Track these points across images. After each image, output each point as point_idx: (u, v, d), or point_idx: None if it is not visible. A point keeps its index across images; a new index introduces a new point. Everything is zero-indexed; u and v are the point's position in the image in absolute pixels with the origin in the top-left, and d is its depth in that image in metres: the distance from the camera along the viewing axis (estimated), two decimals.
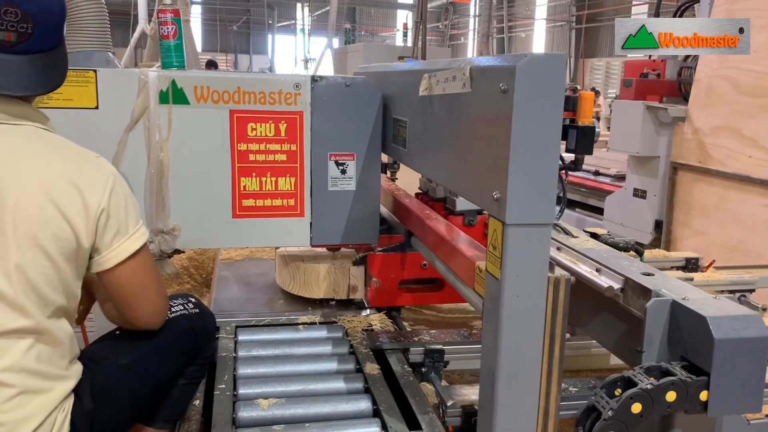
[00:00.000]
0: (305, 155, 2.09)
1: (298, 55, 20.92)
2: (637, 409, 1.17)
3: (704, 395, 1.20)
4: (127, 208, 1.35)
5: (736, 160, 3.41)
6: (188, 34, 5.93)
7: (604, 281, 1.48)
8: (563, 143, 1.32)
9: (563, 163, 1.51)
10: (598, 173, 5.28)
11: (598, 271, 1.53)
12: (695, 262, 1.92)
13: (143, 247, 1.38)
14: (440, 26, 25.43)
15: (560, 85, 1.15)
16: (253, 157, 2.06)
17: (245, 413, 1.69)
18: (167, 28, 2.09)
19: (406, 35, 15.36)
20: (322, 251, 2.49)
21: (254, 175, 2.07)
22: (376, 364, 1.97)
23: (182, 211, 2.04)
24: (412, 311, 2.81)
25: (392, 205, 2.39)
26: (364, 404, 1.76)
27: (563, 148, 1.36)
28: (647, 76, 4.82)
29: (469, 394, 1.76)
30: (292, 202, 2.12)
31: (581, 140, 1.41)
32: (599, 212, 4.83)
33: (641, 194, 4.21)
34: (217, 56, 16.72)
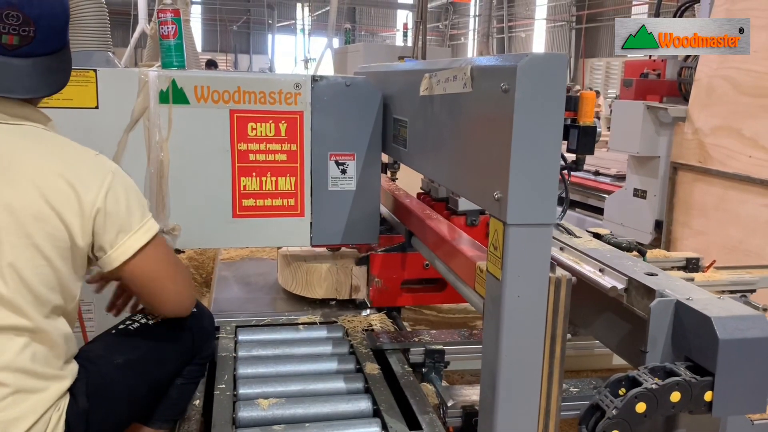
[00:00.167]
0: (305, 155, 2.09)
1: (298, 55, 20.92)
2: (641, 408, 1.17)
3: (709, 396, 1.20)
4: (129, 205, 1.34)
5: (736, 160, 3.40)
6: (188, 33, 5.92)
7: (607, 281, 1.47)
8: (564, 143, 1.32)
9: (565, 162, 1.51)
10: (598, 173, 5.28)
11: (601, 271, 1.53)
12: (696, 262, 1.91)
13: (152, 240, 1.37)
14: (440, 26, 25.43)
15: (561, 84, 1.15)
16: (253, 156, 2.06)
17: (245, 413, 1.69)
18: (167, 27, 2.09)
19: (406, 35, 15.36)
20: (324, 251, 2.49)
21: (254, 174, 2.07)
22: (376, 364, 1.97)
23: (182, 211, 2.04)
24: (412, 311, 2.81)
25: (392, 205, 2.39)
26: (364, 404, 1.76)
27: (564, 147, 1.35)
28: (647, 76, 4.83)
29: (469, 394, 1.76)
30: (292, 202, 2.12)
31: (582, 140, 1.41)
32: (599, 212, 4.82)
33: (641, 194, 4.21)
34: (217, 56, 16.72)
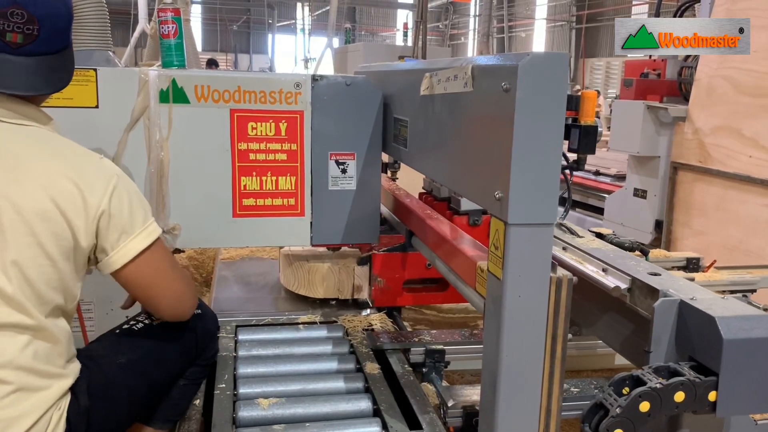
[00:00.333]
0: (305, 154, 2.09)
1: (298, 54, 20.92)
2: (645, 407, 1.17)
3: (713, 395, 1.19)
4: (132, 208, 1.35)
5: (736, 160, 3.40)
6: (188, 33, 5.90)
7: (610, 281, 1.47)
8: (565, 142, 1.31)
9: (568, 162, 1.51)
10: (598, 173, 5.28)
11: (604, 271, 1.52)
12: (696, 262, 1.91)
13: (152, 244, 1.37)
14: (440, 26, 25.42)
15: (562, 84, 1.15)
16: (253, 156, 2.06)
17: (245, 413, 1.69)
18: (167, 27, 2.08)
19: (406, 35, 15.35)
20: (326, 251, 2.49)
21: (254, 174, 2.07)
22: (376, 363, 1.97)
23: (182, 210, 2.04)
24: (412, 311, 2.81)
25: (393, 204, 2.39)
26: (364, 404, 1.76)
27: (565, 147, 1.35)
28: (647, 75, 4.83)
29: (470, 394, 1.76)
30: (292, 201, 2.11)
31: (584, 140, 1.41)
32: (599, 212, 4.82)
33: (641, 194, 4.21)
34: (217, 56, 16.70)
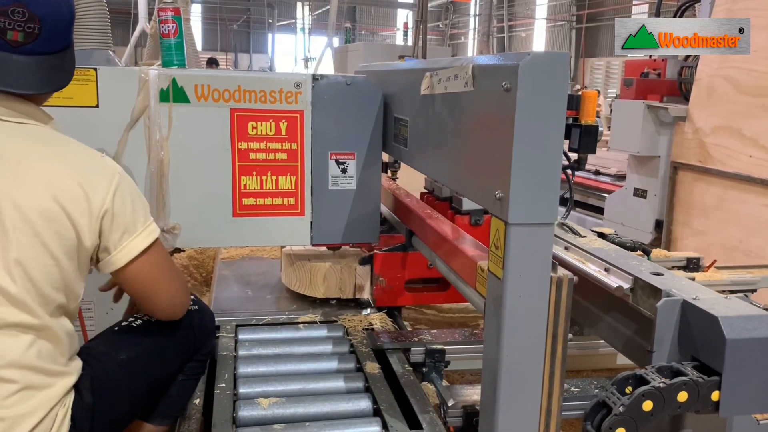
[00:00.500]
0: (306, 154, 2.09)
1: (298, 54, 20.91)
2: (648, 407, 1.17)
3: (716, 395, 1.19)
4: (134, 206, 1.35)
5: (736, 159, 3.40)
6: (188, 32, 5.91)
7: (613, 281, 1.47)
8: (566, 142, 1.31)
9: (570, 161, 1.51)
10: (598, 173, 5.28)
11: (606, 270, 1.52)
12: (696, 262, 1.91)
13: (153, 243, 1.39)
14: (440, 25, 25.40)
15: (563, 83, 1.15)
16: (253, 155, 2.06)
17: (245, 412, 1.69)
18: (168, 26, 2.08)
19: (406, 34, 15.33)
20: (327, 250, 2.49)
21: (255, 173, 2.07)
22: (376, 363, 1.96)
23: (182, 209, 2.04)
24: (412, 310, 2.80)
25: (393, 204, 2.39)
26: (364, 403, 1.76)
27: (565, 147, 1.35)
28: (648, 75, 4.83)
29: (470, 394, 1.75)
30: (292, 201, 2.11)
31: (584, 139, 1.41)
32: (599, 212, 4.82)
33: (641, 194, 4.20)
34: (217, 55, 16.69)
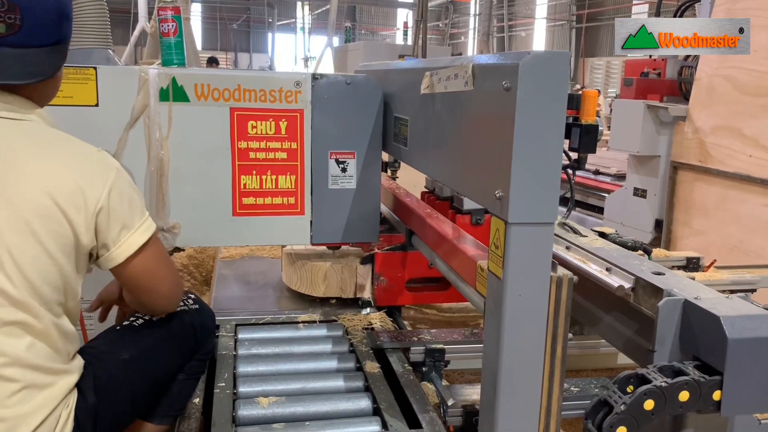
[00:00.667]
0: (305, 153, 2.09)
1: (298, 53, 20.89)
2: (649, 406, 1.17)
3: (717, 395, 1.19)
4: (131, 201, 1.35)
5: (736, 159, 3.40)
6: (188, 31, 5.91)
7: (614, 280, 1.47)
8: (566, 141, 1.31)
9: (570, 160, 1.51)
10: (598, 172, 5.28)
11: (608, 270, 1.52)
12: (696, 261, 1.91)
13: (151, 237, 1.38)
14: (440, 25, 25.39)
15: (563, 83, 1.14)
16: (253, 155, 2.06)
17: (245, 411, 1.69)
18: (167, 25, 2.08)
19: (406, 34, 15.31)
20: (328, 250, 2.49)
21: (254, 173, 2.07)
22: (376, 362, 1.96)
23: (182, 209, 2.03)
24: (412, 309, 2.80)
25: (393, 203, 2.38)
26: (364, 403, 1.76)
27: (565, 146, 1.35)
28: (648, 75, 4.83)
29: (470, 393, 1.75)
30: (292, 200, 2.11)
31: (584, 139, 1.41)
32: (599, 211, 4.83)
33: (641, 193, 4.21)
34: (217, 54, 16.68)
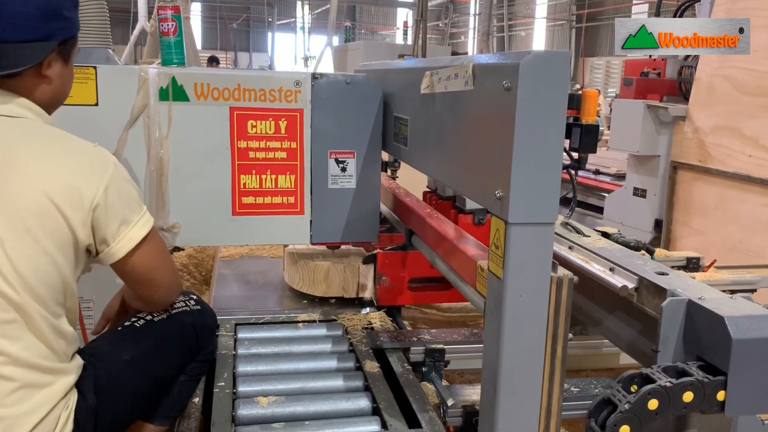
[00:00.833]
0: (305, 153, 2.09)
1: (298, 53, 20.89)
2: (653, 405, 1.17)
3: (721, 395, 1.19)
4: (129, 197, 1.35)
5: (736, 159, 3.40)
6: (188, 31, 5.91)
7: (618, 280, 1.47)
8: (566, 141, 1.31)
9: (573, 160, 1.50)
10: (598, 172, 5.29)
11: (611, 270, 1.52)
12: (696, 261, 1.91)
13: (151, 231, 1.38)
14: (440, 24, 25.39)
15: (564, 82, 1.14)
16: (253, 154, 2.06)
17: (245, 411, 1.69)
18: (167, 25, 2.08)
19: (406, 33, 15.31)
20: (328, 249, 2.48)
21: (254, 172, 2.06)
22: (375, 362, 1.96)
23: (182, 208, 2.03)
24: (412, 309, 2.80)
25: (393, 203, 2.38)
26: (363, 402, 1.76)
27: (566, 146, 1.34)
28: (648, 75, 4.84)
29: (470, 393, 1.75)
30: (292, 199, 2.11)
31: (585, 139, 1.40)
32: (599, 211, 4.83)
33: (641, 193, 4.21)
34: (217, 54, 16.68)
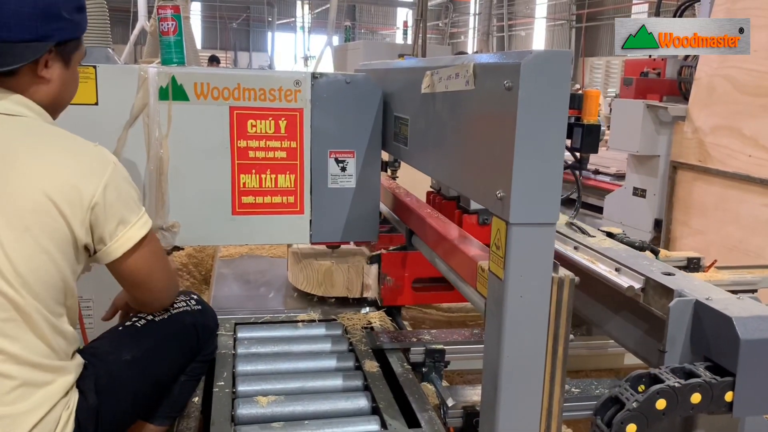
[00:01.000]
0: (305, 152, 2.08)
1: (297, 52, 20.88)
2: (661, 405, 1.16)
3: (729, 396, 1.19)
4: (128, 197, 1.35)
5: (736, 159, 3.40)
6: (188, 30, 5.91)
7: (624, 281, 1.46)
8: (567, 141, 1.31)
9: (576, 160, 1.50)
10: (597, 172, 5.28)
11: (617, 270, 1.52)
12: (697, 262, 1.90)
13: (149, 233, 1.38)
14: (440, 24, 25.39)
15: (565, 82, 1.14)
16: (252, 154, 2.05)
17: (244, 410, 1.69)
18: (167, 24, 2.08)
19: (406, 33, 15.30)
20: (328, 249, 2.48)
21: (254, 172, 2.06)
22: (375, 361, 1.96)
23: (181, 207, 2.03)
24: (412, 309, 2.80)
25: (392, 203, 2.38)
26: (363, 402, 1.76)
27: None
28: (647, 74, 4.83)
29: (470, 394, 1.75)
30: (291, 199, 2.11)
31: (586, 139, 1.40)
32: (599, 211, 4.83)
33: (641, 193, 4.21)
34: (216, 53, 16.68)
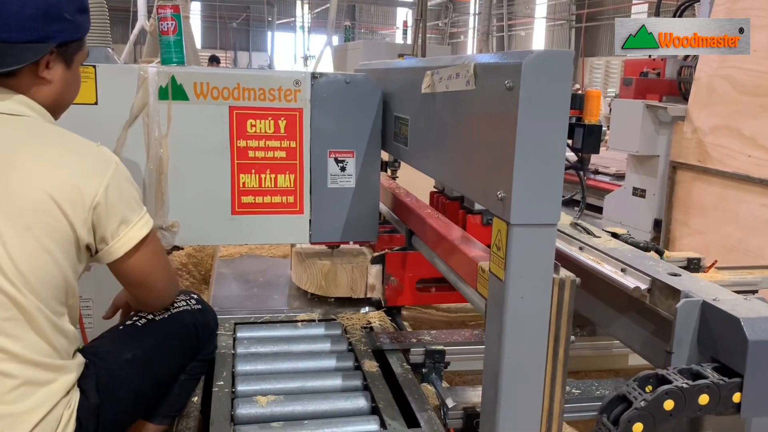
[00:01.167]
0: (305, 152, 2.08)
1: (297, 52, 20.88)
2: (669, 405, 1.17)
3: (737, 397, 1.19)
4: (130, 196, 1.35)
5: (735, 159, 3.40)
6: (188, 30, 5.90)
7: (630, 281, 1.46)
8: (568, 141, 1.30)
9: (579, 159, 1.50)
10: (597, 172, 5.28)
11: (623, 271, 1.51)
12: (697, 262, 1.90)
13: (150, 232, 1.38)
14: (440, 24, 25.39)
15: (567, 82, 1.13)
16: (252, 153, 2.05)
17: (244, 410, 1.68)
18: (167, 24, 2.07)
19: (405, 33, 15.30)
20: (337, 249, 2.48)
21: (253, 171, 2.06)
22: (374, 361, 1.96)
23: (181, 207, 2.03)
24: (412, 309, 2.80)
25: (392, 203, 2.38)
26: (362, 401, 1.76)
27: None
28: (647, 75, 4.83)
29: (470, 395, 1.75)
30: (291, 199, 2.10)
31: (588, 139, 1.39)
32: (598, 211, 4.83)
33: (640, 193, 4.21)
34: (216, 53, 16.69)
